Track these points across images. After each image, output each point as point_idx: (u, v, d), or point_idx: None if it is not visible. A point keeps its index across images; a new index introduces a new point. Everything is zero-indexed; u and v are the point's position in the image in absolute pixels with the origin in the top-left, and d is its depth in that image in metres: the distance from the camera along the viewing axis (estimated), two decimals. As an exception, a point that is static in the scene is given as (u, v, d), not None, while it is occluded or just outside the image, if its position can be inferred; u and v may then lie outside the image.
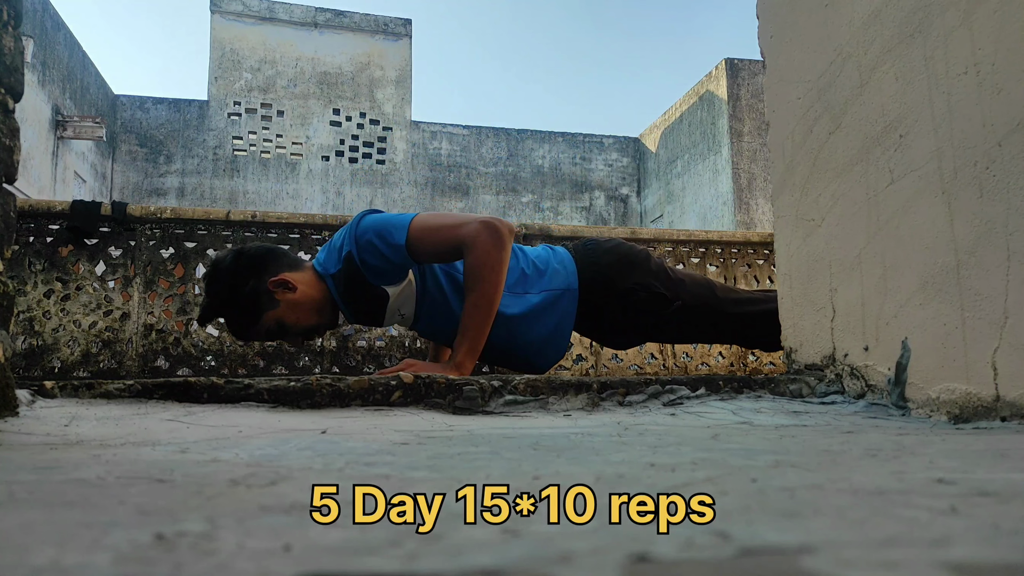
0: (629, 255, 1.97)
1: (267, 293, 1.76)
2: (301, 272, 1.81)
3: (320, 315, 1.82)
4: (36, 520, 0.40)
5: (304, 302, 1.78)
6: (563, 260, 1.93)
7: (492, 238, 1.65)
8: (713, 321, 1.98)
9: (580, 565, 0.31)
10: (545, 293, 1.87)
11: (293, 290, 1.77)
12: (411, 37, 14.58)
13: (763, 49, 1.54)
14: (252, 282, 1.76)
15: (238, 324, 1.80)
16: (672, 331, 2.02)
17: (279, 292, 1.76)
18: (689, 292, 1.96)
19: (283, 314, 1.77)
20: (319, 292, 1.80)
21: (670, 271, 2.00)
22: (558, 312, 1.88)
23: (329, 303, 1.82)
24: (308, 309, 1.79)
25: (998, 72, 0.99)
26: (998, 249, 0.97)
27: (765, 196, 12.17)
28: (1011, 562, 0.31)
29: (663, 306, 1.92)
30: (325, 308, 1.82)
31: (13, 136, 1.03)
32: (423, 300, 1.83)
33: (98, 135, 10.65)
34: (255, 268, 1.78)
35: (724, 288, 2.04)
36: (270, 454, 0.70)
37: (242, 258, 1.80)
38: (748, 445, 0.77)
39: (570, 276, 1.90)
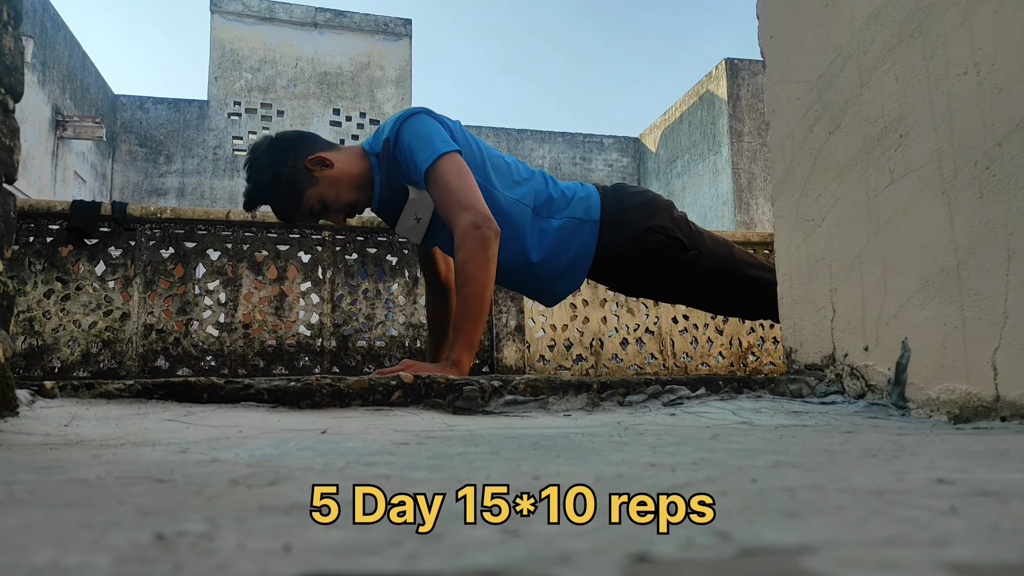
0: (654, 200, 2.02)
1: (306, 171, 1.82)
2: (338, 151, 1.88)
3: (360, 191, 1.86)
4: (36, 520, 0.40)
5: (342, 178, 1.83)
6: (589, 193, 1.97)
7: (478, 242, 1.68)
8: (726, 281, 2.00)
9: (580, 565, 0.31)
10: (566, 219, 1.91)
11: (331, 166, 1.82)
12: (411, 37, 14.59)
13: (763, 49, 1.54)
14: (291, 162, 1.82)
15: (283, 205, 1.85)
16: (684, 287, 2.04)
17: (317, 169, 1.82)
18: (707, 247, 1.99)
19: (323, 191, 1.82)
20: (357, 168, 1.85)
21: (692, 224, 2.03)
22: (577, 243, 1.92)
23: (368, 179, 1.87)
24: (347, 185, 1.84)
25: (998, 72, 0.99)
26: (998, 249, 0.97)
27: (765, 196, 12.17)
28: (1011, 562, 0.31)
29: (679, 251, 1.95)
30: (364, 184, 1.86)
31: (13, 136, 1.03)
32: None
33: (98, 135, 10.65)
34: (292, 148, 1.84)
35: (742, 251, 2.06)
36: (270, 454, 0.70)
37: (279, 141, 1.87)
38: (748, 445, 0.77)
39: (592, 209, 1.93)
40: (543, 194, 1.92)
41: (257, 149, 1.87)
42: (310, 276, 3.16)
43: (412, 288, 3.24)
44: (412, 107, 1.84)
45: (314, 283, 3.16)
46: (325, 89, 14.05)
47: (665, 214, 1.98)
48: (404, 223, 1.90)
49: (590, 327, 3.44)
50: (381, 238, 3.25)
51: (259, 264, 3.10)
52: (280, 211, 1.88)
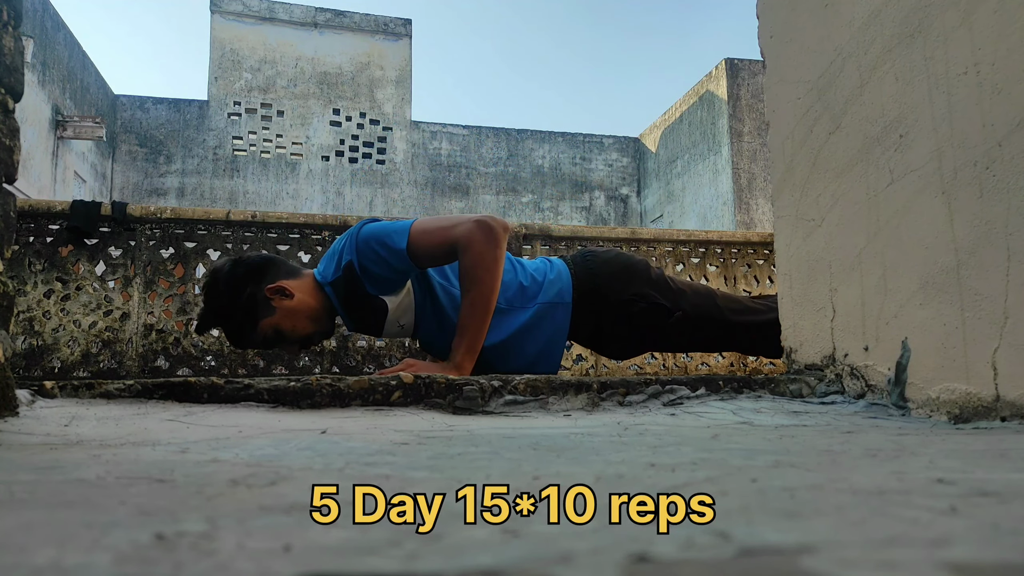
0: (628, 265, 1.96)
1: (264, 300, 1.77)
2: (299, 280, 1.82)
3: (317, 323, 1.82)
4: (36, 520, 0.40)
5: (301, 309, 1.78)
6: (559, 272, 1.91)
7: (486, 237, 1.66)
8: (715, 331, 1.97)
9: (580, 565, 0.31)
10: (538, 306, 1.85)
11: (290, 297, 1.77)
12: (411, 37, 14.58)
13: (763, 49, 1.54)
14: (250, 289, 1.77)
15: (236, 331, 1.81)
16: (673, 341, 2.00)
17: (276, 299, 1.77)
18: (690, 302, 1.94)
19: (280, 321, 1.78)
20: (317, 300, 1.80)
21: (671, 281, 1.98)
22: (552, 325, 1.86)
23: (326, 311, 1.83)
24: (305, 316, 1.79)
25: (998, 72, 0.99)
26: (998, 249, 0.97)
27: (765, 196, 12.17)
28: (1011, 562, 0.31)
29: (663, 317, 1.91)
30: (322, 316, 1.82)
31: (13, 136, 1.03)
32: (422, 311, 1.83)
33: (98, 135, 10.65)
34: (253, 275, 1.79)
35: (725, 297, 2.02)
36: (270, 454, 0.70)
37: (239, 266, 1.81)
38: (748, 445, 0.77)
39: (564, 290, 1.88)
40: (512, 285, 1.85)
41: (218, 272, 1.81)
42: (310, 276, 3.16)
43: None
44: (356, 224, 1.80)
45: (314, 283, 3.16)
46: (325, 89, 14.05)
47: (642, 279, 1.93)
48: (390, 331, 1.88)
49: (590, 327, 3.44)
50: (381, 238, 3.25)
51: (259, 264, 3.10)
52: (233, 337, 1.83)
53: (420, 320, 1.85)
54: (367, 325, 1.86)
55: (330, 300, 1.81)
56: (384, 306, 1.79)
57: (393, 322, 1.83)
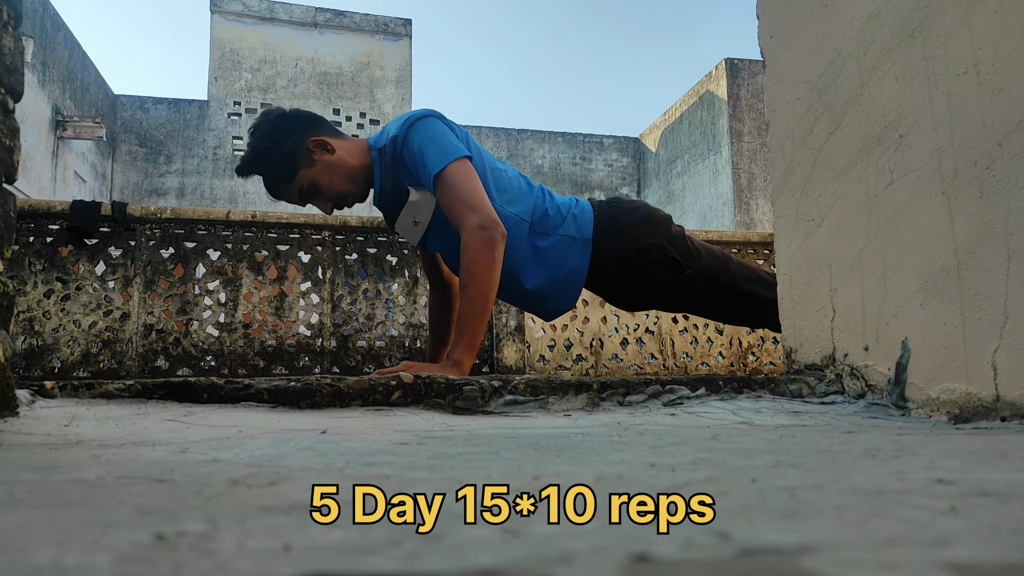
0: (650, 216, 2.01)
1: (306, 151, 1.83)
2: (345, 140, 1.89)
3: (353, 183, 1.87)
4: (36, 520, 0.40)
5: (340, 166, 1.84)
6: (584, 210, 1.97)
7: (484, 243, 1.68)
8: (724, 296, 2.00)
9: (580, 565, 0.31)
10: (559, 236, 1.91)
11: (331, 152, 1.83)
12: (411, 37, 14.59)
13: (763, 49, 1.54)
14: (294, 138, 1.82)
15: (274, 177, 1.86)
16: (681, 299, 2.04)
17: (318, 152, 1.83)
18: (704, 264, 1.97)
19: (318, 174, 1.83)
20: (358, 161, 1.86)
21: (689, 240, 2.02)
22: (570, 261, 1.92)
23: (364, 175, 1.87)
24: (343, 174, 1.85)
25: (998, 72, 0.99)
26: (998, 249, 0.97)
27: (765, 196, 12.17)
28: (1011, 562, 0.31)
29: (674, 272, 1.94)
30: (359, 178, 1.87)
31: (13, 136, 1.03)
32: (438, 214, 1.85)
33: (98, 135, 10.65)
34: (299, 125, 1.85)
35: (740, 264, 2.05)
36: (270, 454, 0.70)
37: (289, 115, 1.88)
38: (748, 445, 0.77)
39: (584, 227, 1.93)
40: (540, 209, 1.91)
41: (267, 116, 1.88)
42: (310, 276, 3.16)
43: (412, 288, 3.24)
44: (422, 109, 1.85)
45: (314, 283, 3.16)
46: (325, 89, 14.05)
47: (661, 232, 1.97)
48: (402, 222, 1.91)
49: (590, 327, 3.44)
50: (381, 238, 3.25)
51: (259, 264, 3.10)
52: (270, 183, 1.88)
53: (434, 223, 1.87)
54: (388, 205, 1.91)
55: (371, 167, 1.86)
56: (405, 193, 1.84)
57: (409, 214, 1.87)
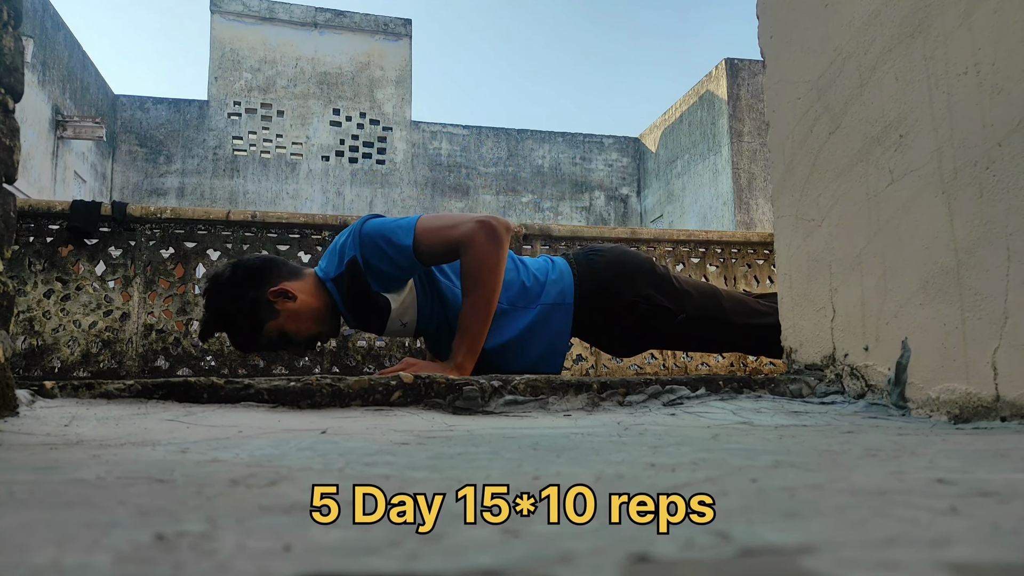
0: (631, 265, 1.94)
1: (267, 304, 1.75)
2: (301, 280, 1.80)
3: (321, 323, 1.80)
4: (36, 520, 0.40)
5: (305, 311, 1.76)
6: (561, 273, 1.90)
7: (488, 238, 1.65)
8: (719, 332, 1.96)
9: (580, 565, 0.31)
10: (540, 307, 1.84)
11: (293, 299, 1.75)
12: (411, 37, 14.58)
13: (763, 49, 1.54)
14: (252, 294, 1.75)
15: (240, 337, 1.79)
16: (676, 341, 2.00)
17: (279, 302, 1.75)
18: (694, 303, 1.93)
19: (284, 323, 1.76)
20: (320, 300, 1.79)
21: (675, 281, 1.96)
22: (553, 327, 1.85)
23: (330, 310, 1.81)
24: (309, 317, 1.78)
25: (998, 72, 0.99)
26: (998, 249, 0.97)
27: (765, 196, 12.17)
28: (1011, 562, 0.31)
29: (667, 319, 1.90)
30: (326, 316, 1.80)
31: (13, 136, 1.03)
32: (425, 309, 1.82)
33: (98, 135, 10.65)
34: (254, 279, 1.77)
35: (731, 298, 2.00)
36: (270, 454, 0.70)
37: (240, 270, 1.79)
38: (748, 445, 0.77)
39: (566, 290, 1.86)
40: (514, 284, 1.84)
41: (219, 278, 1.79)
42: (310, 276, 3.16)
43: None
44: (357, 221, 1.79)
45: (314, 283, 3.16)
46: (325, 89, 14.05)
47: (645, 280, 1.91)
48: (391, 329, 1.86)
49: (590, 327, 3.44)
50: (381, 238, 3.25)
51: (259, 264, 3.09)
52: (238, 342, 1.81)
53: (423, 318, 1.84)
54: (369, 323, 1.84)
55: (333, 298, 1.79)
56: (387, 304, 1.78)
57: (396, 320, 1.82)
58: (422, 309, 1.83)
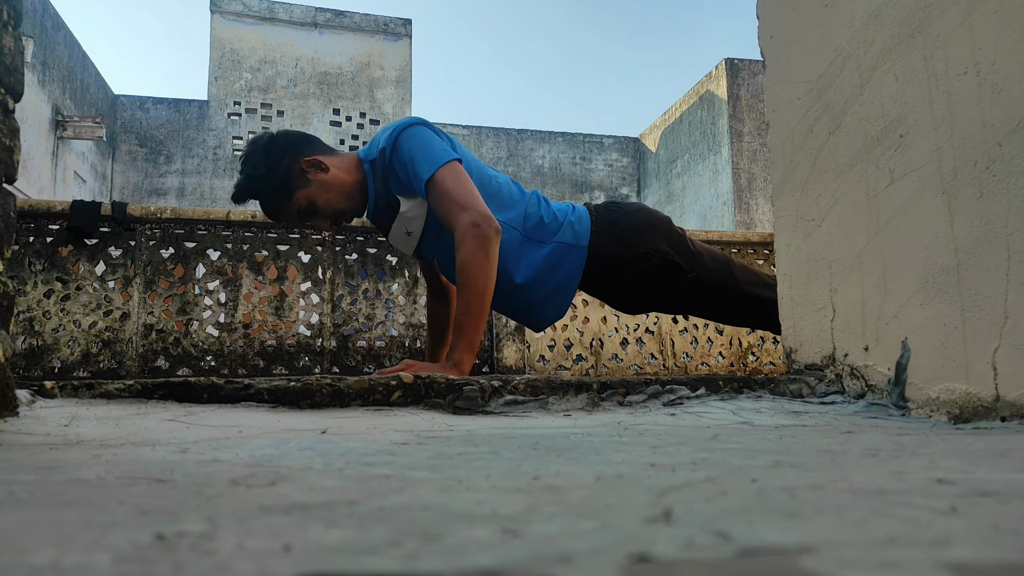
0: (649, 219, 1.98)
1: (300, 172, 1.83)
2: (337, 157, 1.89)
3: (350, 199, 1.87)
4: (36, 520, 0.40)
5: (335, 183, 1.84)
6: (580, 217, 1.94)
7: (478, 241, 1.67)
8: (727, 299, 1.98)
9: (580, 565, 0.31)
10: (554, 244, 1.89)
11: (326, 171, 1.84)
12: (411, 37, 14.58)
13: (763, 49, 1.54)
14: (287, 160, 1.83)
15: (271, 201, 1.86)
16: (683, 302, 2.02)
17: (312, 172, 1.83)
18: (706, 267, 1.96)
19: (314, 193, 1.84)
20: (352, 177, 1.86)
21: (690, 242, 2.00)
22: (564, 268, 1.90)
23: (360, 189, 1.87)
24: (339, 191, 1.85)
25: (998, 72, 0.99)
26: (998, 249, 0.97)
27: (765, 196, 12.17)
28: (1011, 562, 0.31)
29: (677, 276, 1.93)
30: (355, 193, 1.87)
31: (13, 136, 1.03)
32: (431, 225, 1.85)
33: (98, 135, 10.65)
34: (291, 147, 1.85)
35: (742, 268, 2.03)
36: (270, 454, 0.70)
37: (278, 137, 1.88)
38: (748, 445, 0.77)
39: (581, 234, 1.91)
40: (534, 217, 1.89)
41: (256, 143, 1.88)
42: (310, 276, 3.16)
43: (412, 288, 3.24)
44: (409, 117, 1.84)
45: (314, 283, 3.16)
46: (325, 89, 14.05)
47: (661, 235, 1.95)
48: (395, 234, 1.91)
49: (590, 327, 3.44)
50: (381, 238, 3.25)
51: (259, 264, 3.10)
52: (268, 207, 1.88)
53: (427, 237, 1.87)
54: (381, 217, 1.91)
55: (365, 180, 1.86)
56: (397, 204, 1.84)
57: (401, 224, 1.87)
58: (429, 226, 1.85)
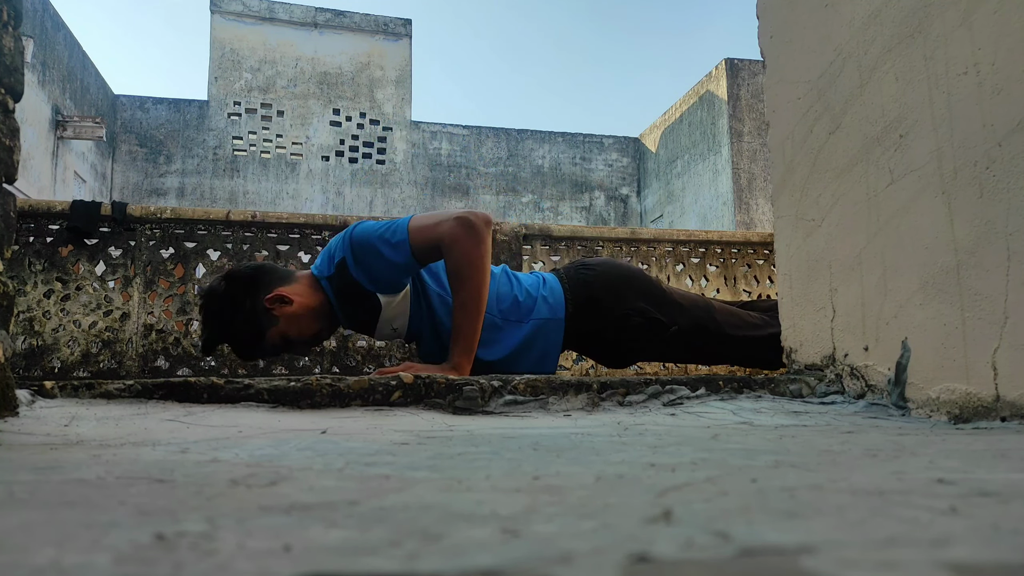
0: (622, 277, 1.95)
1: (265, 312, 1.76)
2: (295, 284, 1.81)
3: (321, 320, 1.81)
4: (36, 520, 0.40)
5: (303, 313, 1.78)
6: (552, 288, 1.91)
7: (467, 235, 1.65)
8: (712, 344, 1.96)
9: (580, 565, 0.31)
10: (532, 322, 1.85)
11: (290, 303, 1.76)
12: (411, 37, 14.58)
13: (763, 49, 1.54)
14: (248, 303, 1.76)
15: (243, 347, 1.80)
16: (669, 353, 1.99)
17: (277, 308, 1.76)
18: (687, 315, 1.93)
19: (285, 328, 1.77)
20: (316, 300, 1.80)
21: (667, 292, 1.97)
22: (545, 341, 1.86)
23: (327, 308, 1.82)
24: (309, 318, 1.79)
25: (998, 72, 0.99)
26: (998, 249, 0.97)
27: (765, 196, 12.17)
28: (1011, 562, 0.31)
29: (660, 331, 1.90)
30: (324, 313, 1.81)
31: (13, 136, 1.03)
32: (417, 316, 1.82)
33: (98, 135, 10.65)
34: (248, 289, 1.77)
35: (723, 311, 2.00)
36: (270, 454, 0.70)
37: (233, 282, 1.79)
38: (748, 445, 0.77)
39: (557, 306, 1.88)
40: (507, 298, 1.85)
41: (211, 296, 1.80)
42: (310, 276, 3.16)
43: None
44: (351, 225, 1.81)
45: (314, 283, 3.16)
46: (325, 89, 14.05)
47: (638, 291, 1.92)
48: (382, 332, 1.86)
49: (590, 327, 3.44)
50: (381, 238, 3.25)
51: (259, 264, 3.10)
52: (242, 352, 1.82)
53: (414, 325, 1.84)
54: (360, 323, 1.85)
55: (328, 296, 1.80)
56: (378, 305, 1.79)
57: (386, 323, 1.82)
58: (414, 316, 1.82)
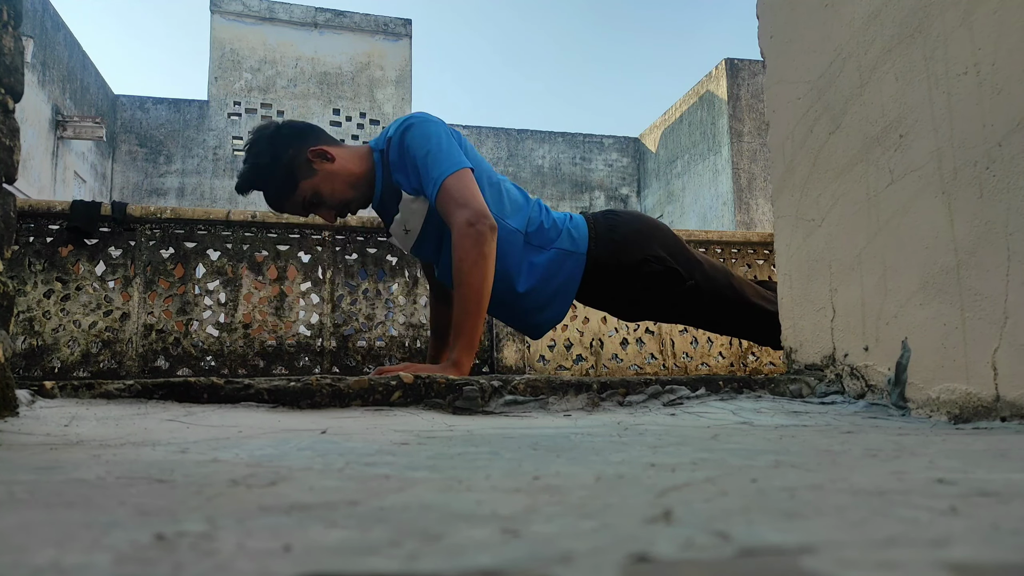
0: (647, 226, 1.99)
1: (306, 162, 1.81)
2: (343, 147, 1.88)
3: (355, 189, 1.86)
4: (36, 520, 0.40)
5: (341, 173, 1.83)
6: (577, 225, 1.95)
7: (472, 239, 1.67)
8: (725, 309, 1.97)
9: (580, 565, 0.31)
10: (554, 250, 1.89)
11: (331, 160, 1.82)
12: (411, 37, 14.58)
13: (763, 49, 1.54)
14: (292, 150, 1.81)
15: (275, 191, 1.85)
16: (682, 311, 2.02)
17: (318, 162, 1.81)
18: (705, 275, 1.95)
19: (320, 184, 1.82)
20: (358, 167, 1.85)
21: (689, 250, 2.00)
22: (563, 273, 1.90)
23: (367, 180, 1.86)
24: (344, 181, 1.83)
25: (998, 72, 0.99)
26: (998, 249, 0.97)
27: (765, 196, 12.17)
28: (1011, 562, 0.31)
29: (676, 283, 1.92)
30: (361, 184, 1.86)
31: (13, 136, 1.03)
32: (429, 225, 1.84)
33: (98, 135, 10.65)
34: (297, 137, 1.84)
35: (741, 280, 2.03)
36: (270, 454, 0.70)
37: (284, 127, 1.87)
38: (748, 445, 0.77)
39: (579, 240, 1.91)
40: (535, 222, 1.90)
41: (261, 132, 1.86)
42: (310, 276, 3.16)
43: (412, 288, 3.24)
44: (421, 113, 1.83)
45: (314, 283, 3.16)
46: (325, 89, 14.05)
47: (660, 241, 1.95)
48: (396, 228, 1.90)
49: (590, 327, 3.44)
50: (381, 238, 3.25)
51: (259, 264, 3.10)
52: (272, 197, 1.86)
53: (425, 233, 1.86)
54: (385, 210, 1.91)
55: (372, 171, 1.86)
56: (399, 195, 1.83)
57: (401, 221, 1.86)
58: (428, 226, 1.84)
